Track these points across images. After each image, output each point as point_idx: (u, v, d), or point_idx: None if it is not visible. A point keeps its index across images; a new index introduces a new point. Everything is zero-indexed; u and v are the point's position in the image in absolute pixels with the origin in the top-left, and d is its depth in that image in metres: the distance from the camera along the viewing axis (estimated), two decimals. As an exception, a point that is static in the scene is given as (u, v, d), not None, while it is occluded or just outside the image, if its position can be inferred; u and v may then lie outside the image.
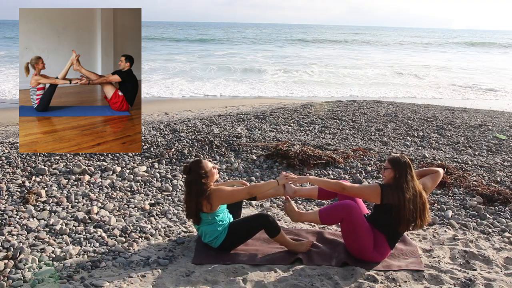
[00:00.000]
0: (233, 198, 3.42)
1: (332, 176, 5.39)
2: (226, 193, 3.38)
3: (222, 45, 40.60)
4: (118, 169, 5.35)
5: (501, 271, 3.29)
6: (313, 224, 4.05)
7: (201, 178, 3.36)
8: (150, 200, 4.63)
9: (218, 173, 3.77)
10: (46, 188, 4.72)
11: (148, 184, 5.05)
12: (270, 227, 3.40)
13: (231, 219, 3.59)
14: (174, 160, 5.82)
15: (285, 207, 3.57)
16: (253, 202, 4.55)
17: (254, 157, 5.95)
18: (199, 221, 3.42)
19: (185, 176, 3.52)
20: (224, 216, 3.51)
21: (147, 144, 6.29)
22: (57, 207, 4.28)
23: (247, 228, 3.44)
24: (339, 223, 3.43)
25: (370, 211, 3.64)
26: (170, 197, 4.70)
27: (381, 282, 3.09)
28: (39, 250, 3.44)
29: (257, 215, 3.51)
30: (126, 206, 4.44)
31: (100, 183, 4.95)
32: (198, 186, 3.36)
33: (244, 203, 4.47)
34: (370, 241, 3.28)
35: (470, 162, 6.10)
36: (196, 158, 5.76)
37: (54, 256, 3.36)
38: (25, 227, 3.83)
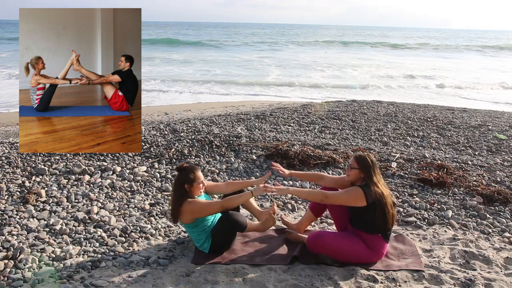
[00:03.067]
0: (206, 211, 3.38)
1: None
2: (199, 206, 3.36)
3: (221, 48, 38.93)
4: (118, 169, 5.35)
5: (501, 271, 3.29)
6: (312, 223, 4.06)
7: (186, 181, 3.38)
8: (150, 200, 4.63)
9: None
10: (46, 188, 4.72)
11: (148, 184, 5.05)
12: (237, 227, 3.42)
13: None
14: (174, 160, 5.82)
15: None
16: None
17: (254, 157, 5.95)
18: (176, 222, 3.47)
19: (176, 172, 3.53)
20: (207, 223, 3.45)
21: (147, 144, 6.29)
22: (57, 207, 4.28)
23: (222, 234, 3.42)
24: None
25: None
26: (170, 197, 4.70)
27: (381, 282, 3.09)
28: (39, 250, 3.44)
29: (220, 219, 3.44)
30: (126, 206, 4.44)
31: (100, 183, 4.95)
32: (179, 188, 3.39)
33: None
34: (360, 248, 3.27)
35: (470, 162, 6.10)
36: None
37: (54, 256, 3.36)
38: (25, 227, 3.83)
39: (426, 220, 4.25)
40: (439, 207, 4.55)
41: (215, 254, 3.43)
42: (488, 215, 4.37)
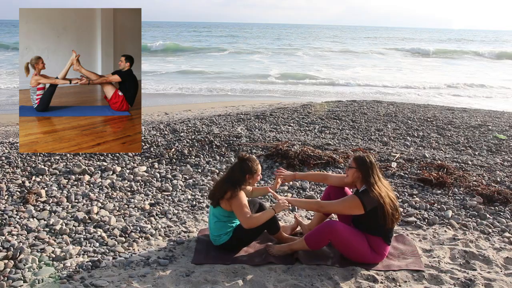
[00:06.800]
0: (237, 210, 3.37)
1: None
2: (238, 203, 3.35)
3: (220, 49, 35.95)
4: (118, 169, 5.35)
5: (501, 271, 3.29)
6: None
7: (249, 171, 3.43)
8: (150, 200, 4.62)
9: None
10: (46, 188, 4.72)
11: (148, 184, 5.05)
12: (272, 226, 3.47)
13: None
14: (174, 160, 5.82)
15: (273, 250, 3.47)
16: None
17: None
18: (215, 205, 3.44)
19: (237, 160, 3.53)
20: (237, 220, 3.50)
21: (147, 144, 6.29)
22: (57, 207, 4.28)
23: (248, 232, 3.42)
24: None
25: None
26: (170, 197, 4.70)
27: (381, 282, 3.09)
28: (39, 250, 3.44)
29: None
30: (126, 206, 4.44)
31: (100, 183, 4.95)
32: (238, 177, 3.39)
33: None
34: (365, 247, 3.26)
35: (470, 162, 6.10)
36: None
37: (54, 256, 3.36)
38: (25, 227, 3.83)
39: (426, 220, 4.25)
40: (439, 207, 4.55)
41: (224, 251, 3.44)
42: (488, 215, 4.36)
